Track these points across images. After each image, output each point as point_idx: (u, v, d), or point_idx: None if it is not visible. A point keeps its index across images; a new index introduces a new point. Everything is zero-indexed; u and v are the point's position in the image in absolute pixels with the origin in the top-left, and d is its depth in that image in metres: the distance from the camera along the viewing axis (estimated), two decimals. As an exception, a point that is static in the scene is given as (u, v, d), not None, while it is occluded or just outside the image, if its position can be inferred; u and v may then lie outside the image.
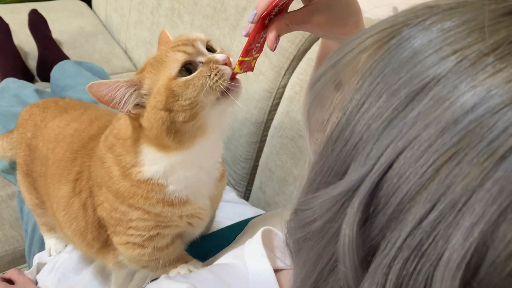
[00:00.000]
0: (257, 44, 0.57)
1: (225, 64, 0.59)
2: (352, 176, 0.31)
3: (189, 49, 0.59)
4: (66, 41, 1.68)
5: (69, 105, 0.90)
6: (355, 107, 0.31)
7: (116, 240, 0.71)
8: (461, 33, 0.28)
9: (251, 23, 0.54)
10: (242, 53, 0.57)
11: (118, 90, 0.57)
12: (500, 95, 0.25)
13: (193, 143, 0.60)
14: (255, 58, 0.60)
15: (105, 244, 0.74)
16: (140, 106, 0.59)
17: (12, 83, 1.32)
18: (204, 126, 0.60)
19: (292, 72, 1.05)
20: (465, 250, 0.25)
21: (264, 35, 0.56)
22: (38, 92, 1.29)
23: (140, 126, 0.61)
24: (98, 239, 0.72)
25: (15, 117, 0.97)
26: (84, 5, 1.94)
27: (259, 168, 1.17)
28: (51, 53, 1.54)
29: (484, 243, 0.25)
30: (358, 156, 0.31)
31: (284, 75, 1.06)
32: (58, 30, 1.68)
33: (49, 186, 0.78)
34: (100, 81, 0.56)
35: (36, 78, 1.55)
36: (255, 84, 1.10)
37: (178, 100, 0.56)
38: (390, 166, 0.29)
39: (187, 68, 0.58)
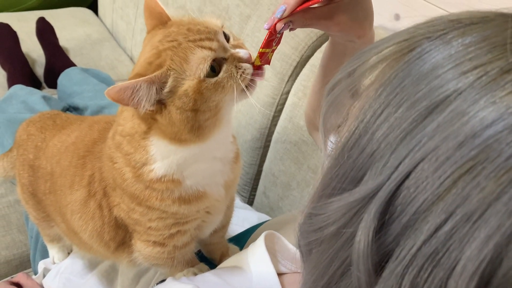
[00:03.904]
0: (277, 35, 0.57)
1: (247, 61, 0.57)
2: (368, 184, 0.31)
3: (215, 45, 0.56)
4: (73, 48, 1.71)
5: (67, 122, 0.89)
6: (373, 116, 0.32)
7: (136, 237, 0.71)
8: (482, 49, 0.29)
9: (278, 18, 0.53)
10: (263, 45, 0.56)
11: (139, 91, 0.53)
12: None
13: (211, 135, 0.59)
14: (273, 51, 0.60)
15: (121, 243, 0.73)
16: (157, 101, 0.56)
17: (20, 90, 1.34)
18: (221, 119, 0.59)
19: (295, 78, 1.07)
20: (480, 261, 0.26)
21: None
22: (45, 98, 1.31)
23: (153, 119, 0.58)
24: (115, 238, 0.72)
25: (23, 124, 0.98)
26: (90, 13, 1.96)
27: (263, 173, 1.18)
28: (58, 60, 1.56)
29: (498, 255, 0.25)
30: (375, 164, 0.31)
31: (288, 81, 1.07)
32: (65, 38, 1.71)
33: (59, 199, 0.77)
34: (120, 84, 0.52)
35: (44, 85, 1.57)
36: (258, 90, 1.12)
37: (206, 102, 0.55)
38: (407, 176, 0.29)
39: (210, 65, 0.55)
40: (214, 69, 0.55)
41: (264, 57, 0.58)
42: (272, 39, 0.57)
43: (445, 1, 0.93)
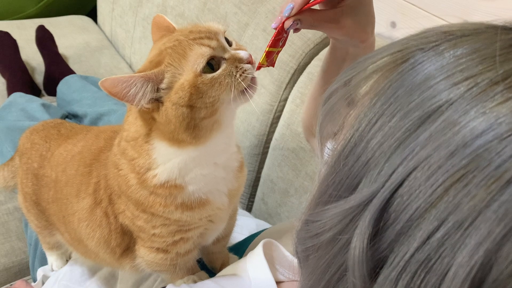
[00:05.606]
0: (284, 35, 0.57)
1: (248, 62, 0.58)
2: (363, 192, 0.32)
3: (214, 43, 0.57)
4: (72, 56, 1.71)
5: (72, 132, 0.89)
6: (368, 125, 0.33)
7: (140, 243, 0.71)
8: (473, 60, 0.30)
9: (287, 16, 0.54)
10: (270, 44, 0.56)
11: (134, 86, 0.54)
12: (507, 123, 0.27)
13: (209, 138, 0.59)
14: (278, 53, 0.60)
15: (126, 249, 0.74)
16: (155, 100, 0.56)
17: (19, 98, 1.35)
18: (220, 121, 0.59)
19: (293, 85, 1.08)
20: (471, 267, 0.26)
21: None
22: (45, 106, 1.31)
23: (152, 118, 0.59)
24: (121, 245, 0.72)
25: (22, 131, 0.98)
26: (89, 20, 1.98)
27: (261, 180, 1.19)
28: (57, 68, 1.57)
29: (489, 261, 0.26)
30: (370, 172, 0.32)
31: (285, 88, 1.08)
32: (64, 45, 1.72)
33: (65, 207, 0.77)
34: (115, 76, 0.53)
35: (43, 92, 1.57)
36: (257, 98, 1.11)
37: (202, 97, 0.55)
38: (401, 184, 0.30)
39: (209, 63, 0.56)
40: (213, 67, 0.56)
41: (270, 57, 0.59)
42: (279, 38, 0.57)
43: (441, 10, 0.94)
